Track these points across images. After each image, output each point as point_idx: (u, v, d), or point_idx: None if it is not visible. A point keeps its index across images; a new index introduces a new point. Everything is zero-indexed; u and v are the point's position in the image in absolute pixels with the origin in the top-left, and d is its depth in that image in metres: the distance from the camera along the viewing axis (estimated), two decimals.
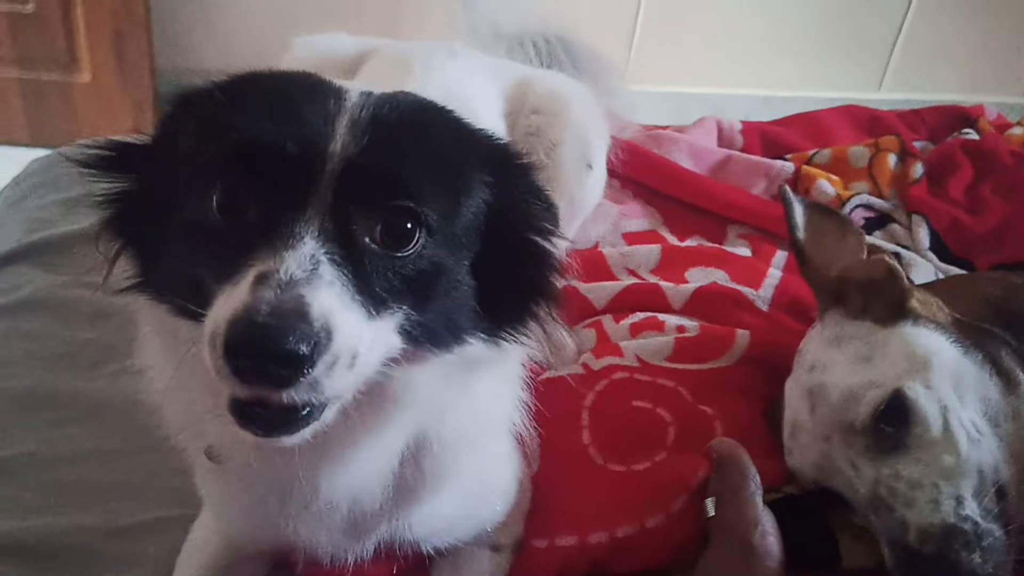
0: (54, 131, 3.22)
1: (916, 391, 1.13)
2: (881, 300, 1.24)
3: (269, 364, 0.67)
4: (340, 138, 0.76)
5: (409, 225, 0.77)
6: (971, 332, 1.21)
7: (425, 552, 1.12)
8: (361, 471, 0.90)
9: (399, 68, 1.52)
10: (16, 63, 3.25)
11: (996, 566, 1.03)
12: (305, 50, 1.69)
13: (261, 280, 0.69)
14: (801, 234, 1.33)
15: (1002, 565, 1.04)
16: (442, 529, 1.10)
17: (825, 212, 1.39)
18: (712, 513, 1.15)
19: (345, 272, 0.73)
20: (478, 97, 1.56)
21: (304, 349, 0.67)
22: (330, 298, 0.70)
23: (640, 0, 3.50)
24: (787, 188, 1.37)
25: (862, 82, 3.81)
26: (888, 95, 3.71)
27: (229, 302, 0.70)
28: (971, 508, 1.06)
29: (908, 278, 1.30)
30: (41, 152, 1.95)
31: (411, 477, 0.96)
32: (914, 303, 1.23)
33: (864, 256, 1.29)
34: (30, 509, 1.22)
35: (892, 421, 1.12)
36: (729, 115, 2.23)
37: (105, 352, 1.17)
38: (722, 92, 3.59)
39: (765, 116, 2.33)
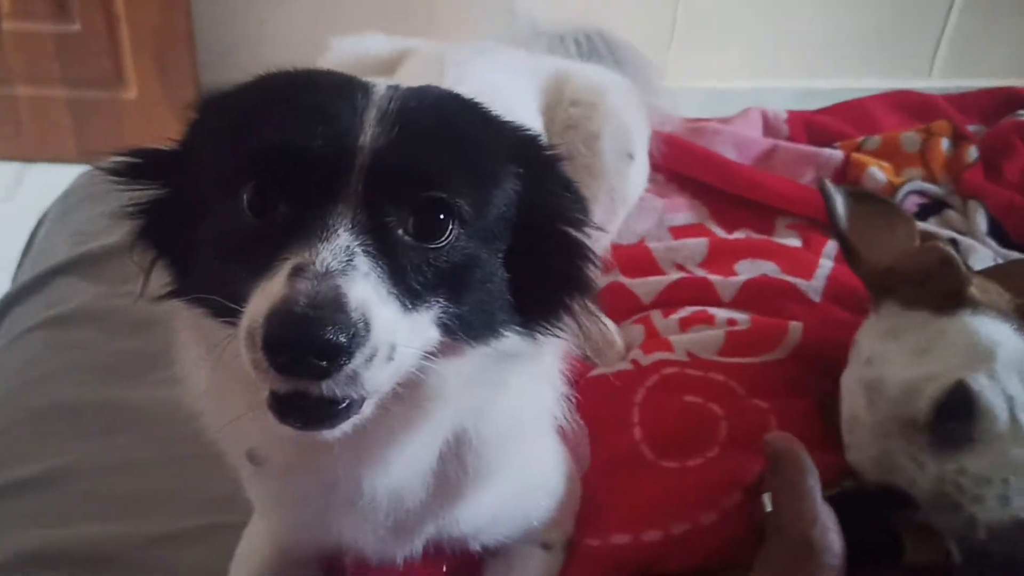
0: (102, 148, 3.26)
1: (980, 383, 1.08)
2: (937, 289, 1.19)
3: (308, 356, 0.66)
4: (369, 131, 0.75)
5: (442, 216, 0.76)
6: None
7: (474, 551, 1.10)
8: (401, 467, 0.89)
9: (432, 67, 1.51)
10: (63, 82, 3.30)
11: None
12: (343, 51, 1.70)
13: (297, 272, 0.68)
14: (845, 225, 1.29)
15: None
16: (488, 525, 1.08)
17: (870, 199, 1.35)
18: (769, 509, 1.11)
19: (380, 264, 0.72)
20: (513, 93, 1.55)
21: (343, 339, 0.66)
22: (366, 290, 0.69)
23: None
24: (826, 180, 1.33)
25: (911, 69, 3.73)
26: (938, 82, 3.62)
27: (265, 296, 0.69)
28: None
29: (966, 264, 1.25)
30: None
31: (453, 473, 0.94)
32: (973, 290, 1.18)
33: (916, 243, 1.25)
34: (74, 518, 1.23)
35: (955, 415, 1.07)
36: (774, 108, 2.19)
37: (150, 361, 1.17)
38: (766, 85, 3.53)
39: (812, 108, 2.28)
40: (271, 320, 0.67)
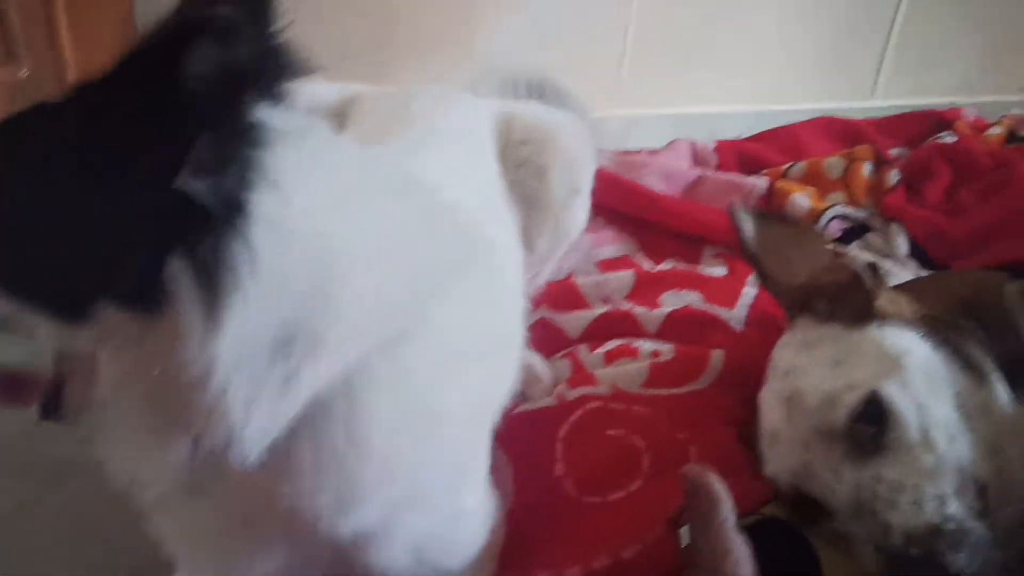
0: None
1: (891, 391, 1.10)
2: (848, 302, 1.22)
3: None
4: None
5: None
6: (939, 327, 1.19)
7: None
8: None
9: (399, 111, 1.49)
10: None
11: (983, 564, 1.01)
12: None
13: None
14: (755, 247, 1.31)
15: (989, 563, 1.01)
16: (404, 553, 0.97)
17: (779, 220, 1.38)
18: (686, 542, 1.12)
19: None
20: (477, 139, 1.55)
21: None
22: None
23: (628, 24, 3.48)
24: (735, 205, 1.35)
25: (856, 90, 3.75)
26: (882, 102, 3.66)
27: None
28: (954, 507, 1.04)
29: (880, 279, 1.28)
30: None
31: (309, 458, 0.80)
32: (882, 303, 1.21)
33: (828, 260, 1.27)
34: None
35: (870, 423, 1.09)
36: (726, 133, 2.23)
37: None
38: (717, 110, 3.56)
39: (765, 129, 2.32)
40: None
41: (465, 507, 1.06)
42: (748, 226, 1.32)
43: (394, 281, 0.82)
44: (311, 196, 0.74)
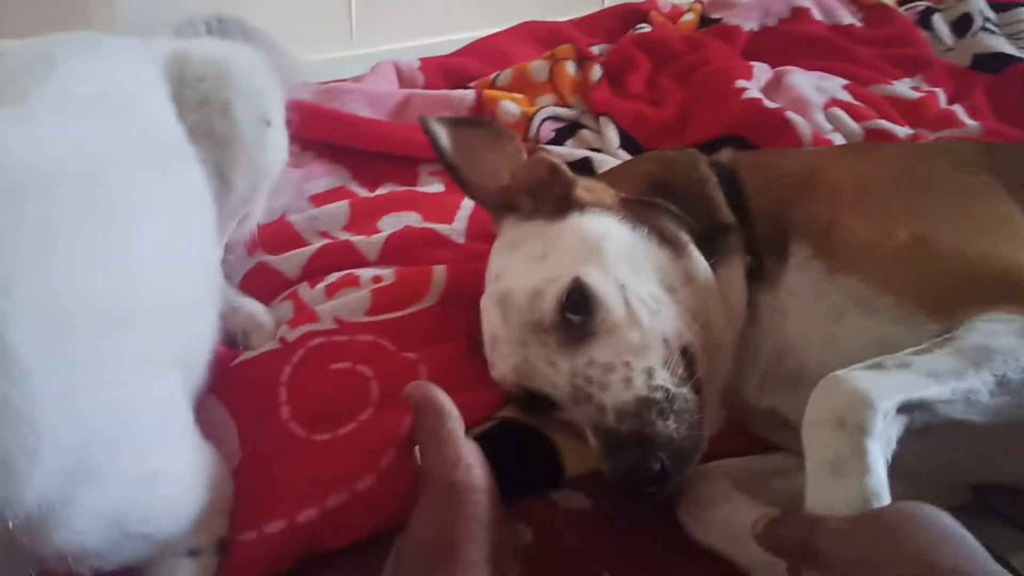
0: None
1: (593, 276, 1.12)
2: (548, 196, 1.22)
3: None
4: None
5: None
6: (636, 208, 1.21)
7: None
8: None
9: (40, 63, 1.34)
10: None
11: (689, 426, 1.04)
12: None
13: None
14: (453, 157, 1.28)
15: (695, 424, 1.05)
16: (99, 526, 0.90)
17: (473, 124, 1.35)
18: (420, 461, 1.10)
19: None
20: (140, 83, 1.42)
21: None
22: None
23: None
24: (426, 117, 1.31)
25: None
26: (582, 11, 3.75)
27: None
28: (662, 377, 1.06)
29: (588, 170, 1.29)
30: None
31: None
32: (580, 192, 1.22)
33: (524, 158, 1.26)
34: None
35: (577, 310, 1.10)
36: None
37: None
38: (454, 38, 3.52)
39: None
40: None
41: (161, 469, 0.99)
42: (443, 135, 1.29)
43: None
44: None
